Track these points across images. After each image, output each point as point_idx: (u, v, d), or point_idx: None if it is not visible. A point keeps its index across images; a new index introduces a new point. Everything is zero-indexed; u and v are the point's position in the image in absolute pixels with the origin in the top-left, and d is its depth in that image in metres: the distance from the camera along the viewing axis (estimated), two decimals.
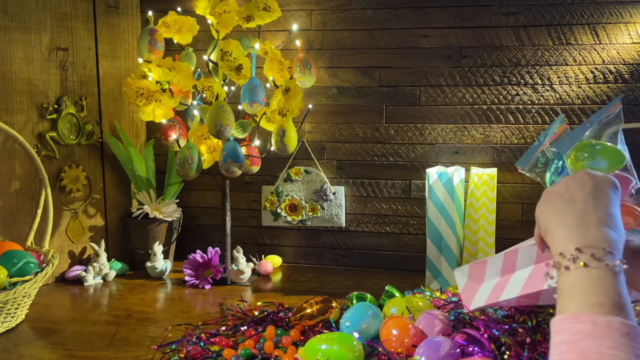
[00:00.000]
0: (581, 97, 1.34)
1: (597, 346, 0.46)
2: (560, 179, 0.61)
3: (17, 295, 1.02)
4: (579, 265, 0.52)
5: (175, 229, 1.50)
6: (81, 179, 1.39)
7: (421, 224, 1.45)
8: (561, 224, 0.57)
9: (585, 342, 0.47)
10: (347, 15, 1.43)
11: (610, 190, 0.58)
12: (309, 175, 1.49)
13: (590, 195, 0.57)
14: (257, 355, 0.90)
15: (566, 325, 0.49)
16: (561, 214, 0.57)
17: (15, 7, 1.24)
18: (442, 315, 0.90)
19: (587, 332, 0.47)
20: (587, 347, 0.46)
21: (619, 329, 0.46)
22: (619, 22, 1.30)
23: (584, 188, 0.58)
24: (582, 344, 0.47)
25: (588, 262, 0.51)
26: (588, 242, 0.53)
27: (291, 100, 1.25)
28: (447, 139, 1.42)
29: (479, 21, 1.36)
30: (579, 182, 0.58)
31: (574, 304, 0.50)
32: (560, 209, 0.58)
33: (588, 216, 0.55)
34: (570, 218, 0.56)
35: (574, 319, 0.49)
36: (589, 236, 0.54)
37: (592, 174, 0.59)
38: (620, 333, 0.46)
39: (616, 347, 0.45)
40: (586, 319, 0.48)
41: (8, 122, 1.24)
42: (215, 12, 1.23)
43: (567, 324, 0.49)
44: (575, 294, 0.51)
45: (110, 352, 0.95)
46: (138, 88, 1.23)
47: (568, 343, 0.48)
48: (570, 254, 0.53)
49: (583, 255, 0.52)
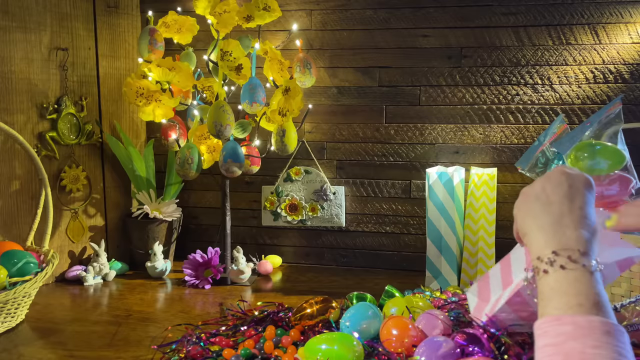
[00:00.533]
0: (581, 97, 1.34)
1: (581, 346, 0.46)
2: (537, 179, 0.61)
3: (17, 295, 1.02)
4: (557, 268, 0.53)
5: (175, 229, 1.50)
6: (81, 179, 1.39)
7: (421, 224, 1.45)
8: (538, 228, 0.58)
9: (569, 343, 0.47)
10: (347, 15, 1.43)
11: (585, 189, 0.58)
12: (309, 175, 1.49)
13: (565, 196, 0.57)
14: (257, 355, 0.90)
15: (549, 328, 0.50)
16: (537, 217, 0.58)
17: (15, 7, 1.24)
18: (442, 315, 0.90)
19: (570, 333, 0.48)
20: (571, 348, 0.47)
21: (600, 327, 0.47)
22: (619, 22, 1.30)
23: (560, 189, 0.58)
24: (566, 345, 0.47)
25: (565, 264, 0.53)
26: (564, 244, 0.54)
27: (291, 100, 1.25)
28: (447, 139, 1.42)
29: (479, 21, 1.36)
30: (555, 183, 0.59)
31: (554, 307, 0.51)
32: (537, 212, 0.58)
33: (564, 219, 0.56)
34: (546, 221, 0.57)
35: (555, 321, 0.50)
36: (565, 239, 0.55)
37: (567, 174, 0.59)
38: (602, 332, 0.47)
39: (599, 345, 0.46)
40: (567, 320, 0.49)
41: (8, 122, 1.24)
42: (215, 12, 1.23)
43: (549, 326, 0.50)
44: (555, 297, 0.52)
45: (110, 352, 0.95)
46: (138, 88, 1.23)
47: (552, 345, 0.48)
48: (547, 258, 0.54)
49: (560, 258, 0.53)
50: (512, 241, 1.45)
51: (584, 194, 0.58)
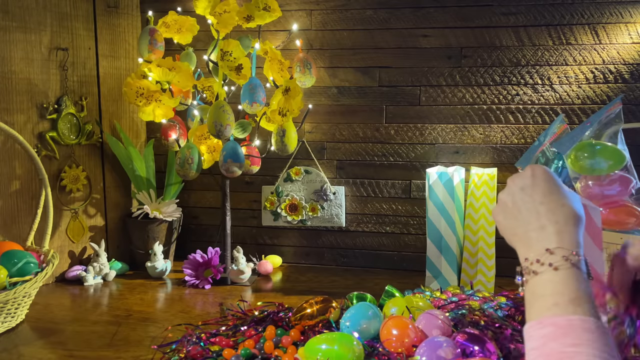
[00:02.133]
0: (581, 97, 1.34)
1: (560, 346, 0.47)
2: (506, 186, 0.61)
3: (17, 295, 1.02)
4: (532, 275, 0.54)
5: (175, 229, 1.50)
6: (81, 179, 1.39)
7: (421, 224, 1.45)
8: (514, 240, 0.59)
9: (549, 344, 0.48)
10: (347, 15, 1.43)
11: (544, 181, 0.57)
12: (309, 175, 1.49)
13: (526, 197, 0.57)
14: (257, 355, 0.90)
15: (533, 332, 0.50)
16: (510, 229, 0.59)
17: (15, 7, 1.24)
18: (442, 315, 0.90)
19: (550, 334, 0.48)
20: (551, 349, 0.47)
21: (579, 326, 0.48)
22: (619, 22, 1.30)
23: (520, 193, 0.58)
24: (546, 347, 0.48)
25: (536, 269, 0.53)
26: (534, 248, 0.55)
27: (291, 100, 1.25)
28: (447, 139, 1.42)
29: (479, 21, 1.36)
30: (518, 187, 0.59)
31: (534, 311, 0.52)
32: (509, 223, 0.59)
33: (530, 225, 0.56)
34: (514, 231, 0.58)
35: (537, 325, 0.50)
36: (533, 242, 0.55)
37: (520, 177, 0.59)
38: (582, 329, 0.47)
39: (579, 343, 0.46)
40: (547, 322, 0.50)
41: (8, 122, 1.24)
42: (215, 12, 1.23)
43: (533, 330, 0.51)
44: (533, 301, 0.53)
45: (110, 352, 0.95)
46: (138, 88, 1.23)
47: (536, 349, 0.49)
48: (524, 266, 0.55)
49: (532, 265, 0.54)
50: None
51: (543, 188, 0.57)
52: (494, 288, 1.28)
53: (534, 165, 0.59)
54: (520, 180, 0.59)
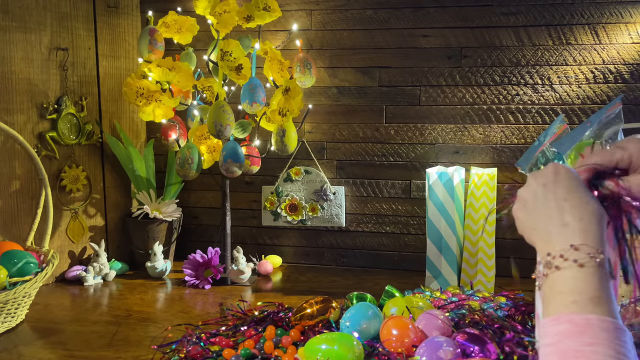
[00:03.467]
0: (581, 97, 1.34)
1: (576, 344, 0.47)
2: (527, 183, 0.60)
3: (17, 295, 1.02)
4: (553, 269, 0.53)
5: (175, 229, 1.50)
6: (81, 179, 1.39)
7: (421, 224, 1.45)
8: (533, 235, 0.58)
9: (565, 342, 0.47)
10: (347, 15, 1.43)
11: (567, 179, 0.56)
12: (309, 175, 1.49)
13: (550, 194, 0.56)
14: (257, 355, 0.90)
15: (548, 328, 0.50)
16: (530, 224, 0.58)
17: (15, 7, 1.24)
18: (442, 315, 0.90)
19: (566, 331, 0.48)
20: (567, 347, 0.47)
21: (597, 325, 0.47)
22: (619, 22, 1.30)
23: (544, 190, 0.57)
24: (562, 344, 0.47)
25: (559, 264, 0.52)
26: (557, 244, 0.54)
27: (291, 100, 1.25)
28: (447, 139, 1.42)
29: (479, 21, 1.36)
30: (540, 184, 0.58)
31: (552, 307, 0.51)
32: (529, 218, 0.58)
33: (553, 220, 0.55)
34: (536, 226, 0.57)
35: (554, 321, 0.50)
36: (556, 238, 0.54)
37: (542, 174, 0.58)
38: (600, 329, 0.47)
39: (596, 342, 0.46)
40: (564, 319, 0.49)
41: (8, 122, 1.24)
42: (215, 12, 1.23)
43: (549, 326, 0.50)
44: (552, 297, 0.52)
45: (110, 352, 0.95)
46: (138, 88, 1.23)
47: (551, 345, 0.49)
48: (545, 261, 0.54)
49: (555, 259, 0.53)
50: (511, 241, 1.45)
51: (567, 185, 0.56)
52: (494, 288, 1.28)
53: (556, 163, 0.58)
54: (543, 177, 0.58)
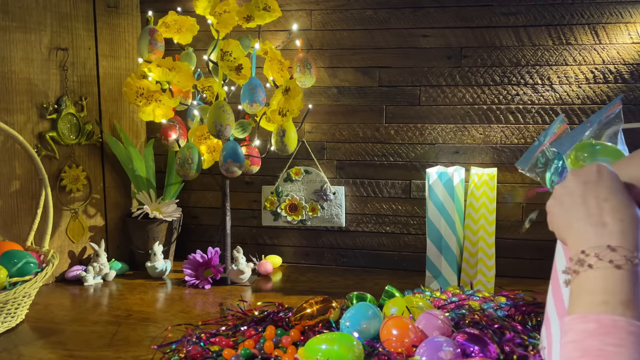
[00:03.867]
0: (581, 97, 1.34)
1: (600, 344, 0.46)
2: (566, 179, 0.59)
3: (17, 295, 1.02)
4: (586, 267, 0.52)
5: (175, 229, 1.50)
6: (81, 179, 1.39)
7: (421, 224, 1.45)
8: (568, 232, 0.57)
9: (589, 340, 0.47)
10: (347, 15, 1.43)
11: (609, 179, 0.56)
12: (309, 175, 1.49)
13: (588, 192, 0.56)
14: (257, 355, 0.90)
15: (574, 325, 0.49)
16: (566, 221, 0.57)
17: (15, 7, 1.24)
18: (442, 315, 0.90)
19: (591, 330, 0.47)
20: (590, 345, 0.47)
21: (624, 327, 0.47)
22: (619, 22, 1.30)
23: (584, 188, 0.56)
24: (586, 342, 0.47)
25: (593, 263, 0.52)
26: (592, 242, 0.53)
27: (291, 100, 1.25)
28: (447, 139, 1.42)
29: (479, 21, 1.36)
30: (581, 181, 0.57)
31: (580, 305, 0.51)
32: (566, 215, 0.57)
33: (591, 218, 0.54)
34: (572, 222, 0.56)
35: (580, 319, 0.49)
36: (592, 236, 0.53)
37: (584, 172, 0.57)
38: (626, 331, 0.46)
39: (621, 344, 0.45)
40: (591, 318, 0.48)
41: (8, 122, 1.24)
42: (215, 12, 1.23)
43: (575, 323, 0.49)
44: (582, 295, 0.51)
45: (110, 352, 0.95)
46: (138, 88, 1.23)
47: (574, 342, 0.48)
48: (577, 258, 0.53)
49: (588, 257, 0.52)
50: (512, 241, 1.45)
51: (609, 185, 0.56)
52: (494, 288, 1.28)
53: (600, 164, 0.58)
54: (585, 175, 0.57)
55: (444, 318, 0.89)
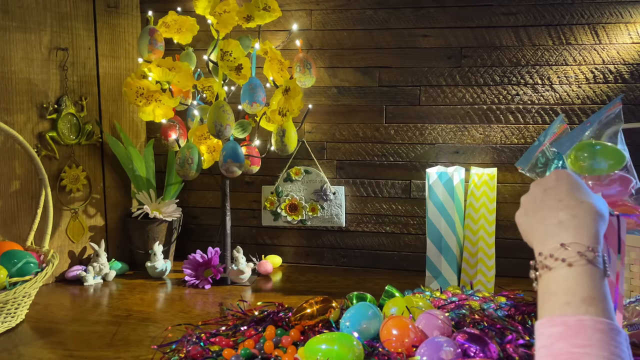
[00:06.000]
0: (581, 97, 1.34)
1: (568, 346, 0.46)
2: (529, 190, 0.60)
3: (17, 295, 1.02)
4: (545, 270, 0.53)
5: (175, 229, 1.50)
6: (81, 179, 1.39)
7: (421, 224, 1.45)
8: (531, 237, 0.58)
9: (557, 344, 0.47)
10: (347, 15, 1.43)
11: (567, 179, 0.57)
12: (309, 175, 1.49)
13: (545, 195, 0.57)
14: (257, 355, 0.90)
15: (543, 330, 0.49)
16: (529, 227, 0.58)
17: (15, 7, 1.24)
18: (442, 315, 0.90)
19: (559, 334, 0.47)
20: (559, 349, 0.46)
21: (591, 326, 0.46)
22: (619, 22, 1.30)
23: (543, 195, 0.58)
24: (555, 346, 0.47)
25: (550, 264, 0.52)
26: (550, 244, 0.54)
27: (291, 100, 1.25)
28: (447, 139, 1.42)
29: (479, 21, 1.36)
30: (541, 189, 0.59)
31: (546, 309, 0.51)
32: (529, 222, 0.59)
33: (548, 220, 0.55)
34: (536, 229, 0.57)
35: (547, 323, 0.49)
36: (550, 237, 0.54)
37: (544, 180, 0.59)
38: (593, 330, 0.46)
39: (588, 344, 0.45)
40: (558, 321, 0.48)
41: (8, 122, 1.24)
42: (215, 12, 1.23)
43: (543, 328, 0.49)
44: (546, 298, 0.51)
45: (110, 352, 0.95)
46: (138, 88, 1.23)
47: (544, 347, 0.48)
48: (538, 262, 0.54)
49: (546, 259, 0.53)
50: (511, 241, 1.45)
51: (566, 188, 0.56)
52: (494, 288, 1.28)
53: (559, 169, 0.59)
54: (544, 182, 0.58)
55: (444, 318, 0.89)
